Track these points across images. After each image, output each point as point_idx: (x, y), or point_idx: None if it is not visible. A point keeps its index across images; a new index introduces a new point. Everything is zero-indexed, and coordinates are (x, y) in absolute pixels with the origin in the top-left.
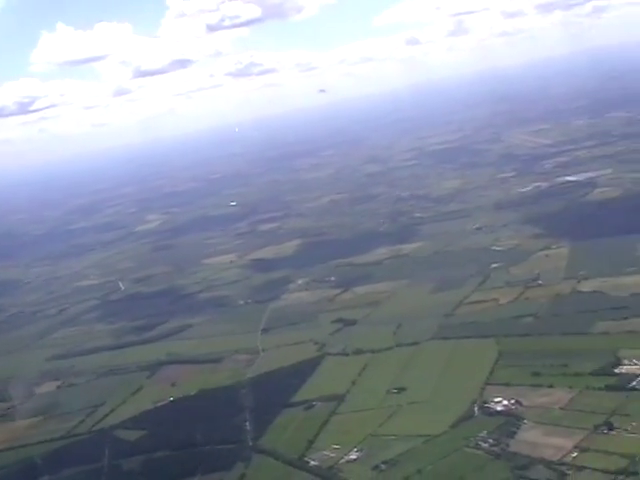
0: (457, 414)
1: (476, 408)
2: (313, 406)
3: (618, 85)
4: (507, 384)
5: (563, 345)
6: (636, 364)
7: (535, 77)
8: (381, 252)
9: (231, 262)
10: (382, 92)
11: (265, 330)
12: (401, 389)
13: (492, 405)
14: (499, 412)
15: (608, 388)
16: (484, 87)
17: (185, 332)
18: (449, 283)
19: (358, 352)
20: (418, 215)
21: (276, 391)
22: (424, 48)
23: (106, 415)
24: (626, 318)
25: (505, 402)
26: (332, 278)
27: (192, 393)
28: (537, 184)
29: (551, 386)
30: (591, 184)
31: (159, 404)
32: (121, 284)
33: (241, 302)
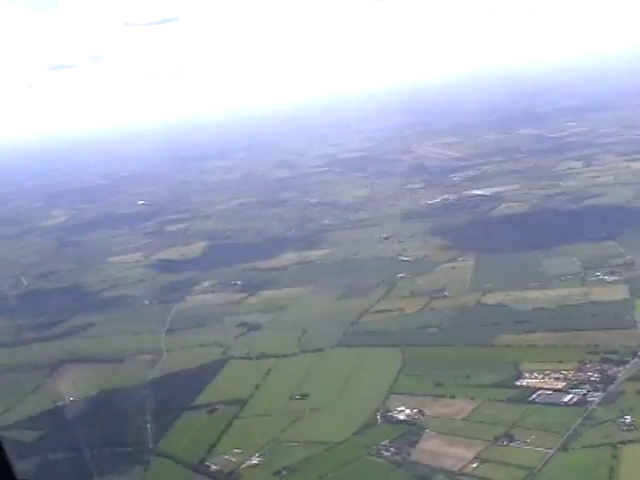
0: (360, 422)
1: (379, 416)
2: (215, 410)
3: (529, 102)
4: (410, 393)
5: (466, 356)
6: (537, 377)
7: (449, 90)
8: (288, 257)
9: (137, 261)
10: (295, 100)
11: (169, 331)
12: (304, 395)
13: (395, 414)
14: (402, 421)
15: (509, 400)
16: (398, 98)
17: (87, 330)
18: (355, 291)
19: (262, 357)
20: (326, 222)
21: (178, 393)
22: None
23: (0, 415)
24: (528, 332)
25: (408, 411)
26: (238, 281)
27: (93, 393)
28: (445, 196)
29: (453, 397)
30: (498, 198)
31: (58, 404)
32: (24, 279)
33: (146, 302)
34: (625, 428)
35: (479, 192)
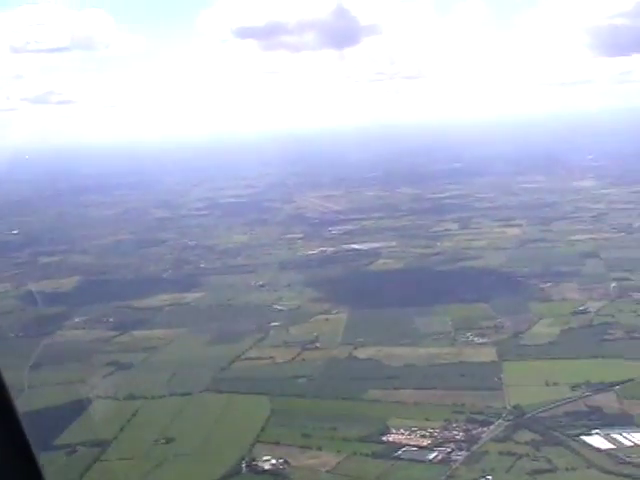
0: (224, 470)
1: (244, 465)
2: (76, 451)
3: (410, 161)
4: (277, 443)
5: (335, 409)
6: (403, 434)
7: (333, 144)
8: (163, 298)
9: (6, 292)
10: (183, 138)
11: (34, 366)
12: (170, 439)
13: (260, 463)
14: (266, 471)
15: (375, 455)
16: (283, 147)
17: None
18: (228, 336)
19: (130, 397)
20: (203, 265)
21: (38, 432)
22: (231, 100)
23: None
24: (397, 388)
25: (273, 461)
26: (110, 319)
27: None
28: (323, 248)
29: (320, 449)
30: (375, 254)
31: None
32: None
33: (11, 335)
34: None
35: (357, 246)
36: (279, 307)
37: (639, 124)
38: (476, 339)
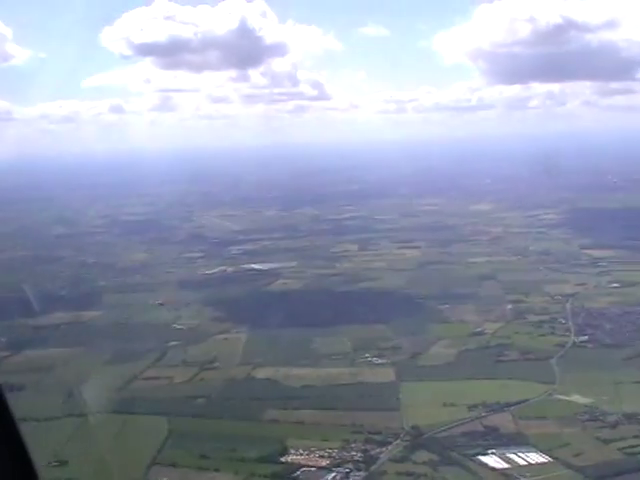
0: None
1: None
2: None
3: (310, 182)
4: (174, 464)
5: (233, 430)
6: (302, 454)
7: (234, 163)
8: (59, 316)
9: None
10: (82, 154)
11: None
12: (63, 462)
13: None
14: None
15: (273, 476)
16: (183, 165)
17: None
18: (126, 356)
19: (21, 419)
20: (102, 284)
21: None
22: (128, 118)
23: None
24: (296, 408)
25: None
26: (3, 338)
27: None
28: (223, 268)
29: (217, 470)
30: (275, 274)
31: None
32: None
33: None
34: None
35: (257, 266)
36: (178, 326)
37: (535, 150)
38: (375, 360)
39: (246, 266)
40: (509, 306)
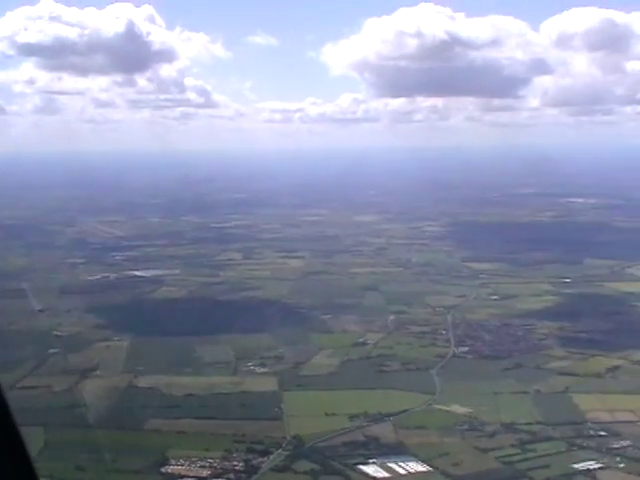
0: None
1: None
2: None
3: (196, 190)
4: (50, 477)
5: (113, 440)
6: (183, 464)
7: (118, 168)
8: None
9: None
10: None
11: None
12: None
13: None
14: None
15: None
16: (66, 169)
17: None
18: (3, 364)
19: None
20: None
21: None
22: (10, 119)
23: None
24: (178, 418)
25: None
26: None
27: None
28: (106, 274)
29: None
30: (158, 282)
31: None
32: None
33: None
34: None
35: (140, 273)
36: (59, 333)
37: (418, 163)
38: (257, 369)
39: (129, 273)
40: (391, 317)
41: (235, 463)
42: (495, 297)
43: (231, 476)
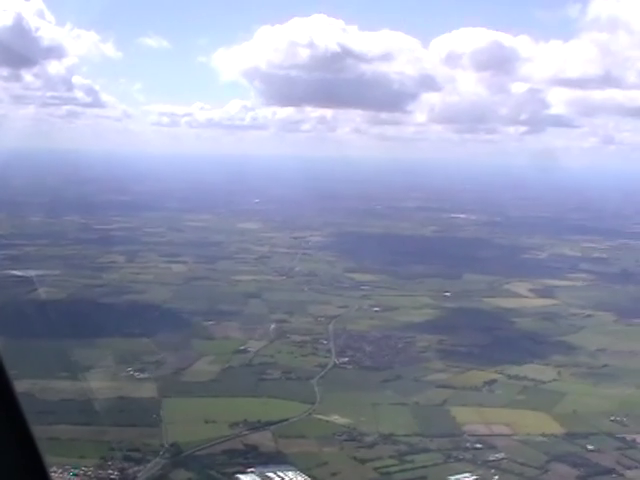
0: None
1: None
2: None
3: (80, 190)
4: None
5: None
6: (55, 472)
7: None
8: None
9: None
10: None
11: None
12: None
13: None
14: None
15: None
16: None
17: None
18: None
19: None
20: None
21: None
22: None
23: None
24: (52, 424)
25: None
26: None
27: None
28: None
29: None
30: (38, 282)
31: None
32: None
33: None
34: None
35: (18, 273)
36: None
37: (304, 172)
38: (137, 374)
39: (6, 272)
40: (273, 325)
41: (110, 472)
42: (377, 309)
43: None
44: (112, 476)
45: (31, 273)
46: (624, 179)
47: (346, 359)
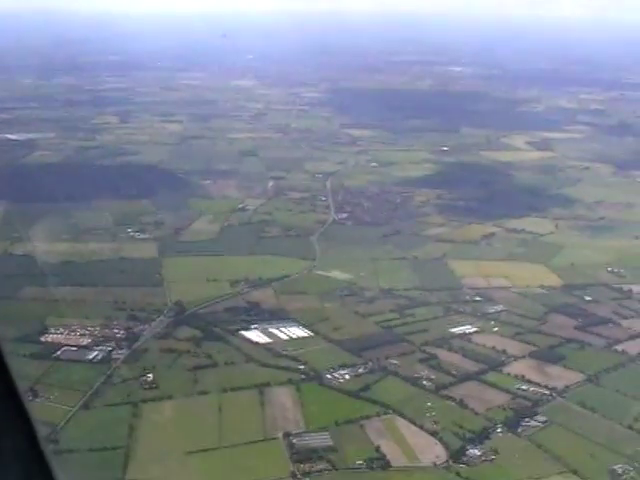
0: None
1: None
2: None
3: (70, 51)
4: None
5: None
6: (62, 333)
7: None
8: None
9: None
10: None
11: None
12: None
13: None
14: None
15: (33, 356)
16: None
17: None
18: None
19: None
20: None
21: None
22: None
23: None
24: (56, 286)
25: None
26: None
27: None
28: None
29: None
30: (32, 145)
31: None
32: None
33: None
34: (147, 386)
35: (12, 137)
36: None
37: (298, 28)
38: (137, 235)
39: (1, 136)
40: (271, 183)
41: (116, 331)
42: (374, 164)
43: (112, 344)
44: (118, 335)
45: (25, 136)
46: (626, 30)
47: (345, 215)
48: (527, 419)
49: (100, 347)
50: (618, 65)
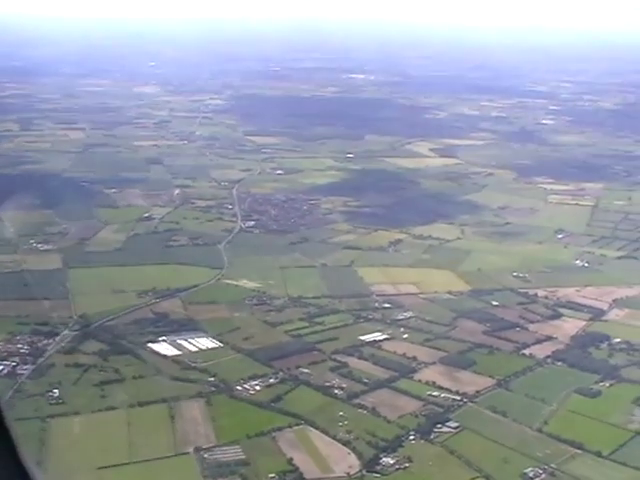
0: None
1: None
2: None
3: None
4: None
5: None
6: None
7: None
8: None
9: None
10: None
11: None
12: None
13: None
14: None
15: None
16: None
17: None
18: None
19: None
20: None
21: None
22: None
23: None
24: None
25: None
26: None
27: None
28: None
29: None
30: None
31: None
32: None
33: None
34: (53, 401)
35: None
36: None
37: (201, 34)
38: (40, 246)
39: None
40: (177, 191)
41: (20, 346)
42: (280, 171)
43: (16, 360)
44: (22, 350)
45: None
46: (521, 37)
47: (252, 223)
48: (439, 425)
49: (4, 362)
50: (519, 72)
